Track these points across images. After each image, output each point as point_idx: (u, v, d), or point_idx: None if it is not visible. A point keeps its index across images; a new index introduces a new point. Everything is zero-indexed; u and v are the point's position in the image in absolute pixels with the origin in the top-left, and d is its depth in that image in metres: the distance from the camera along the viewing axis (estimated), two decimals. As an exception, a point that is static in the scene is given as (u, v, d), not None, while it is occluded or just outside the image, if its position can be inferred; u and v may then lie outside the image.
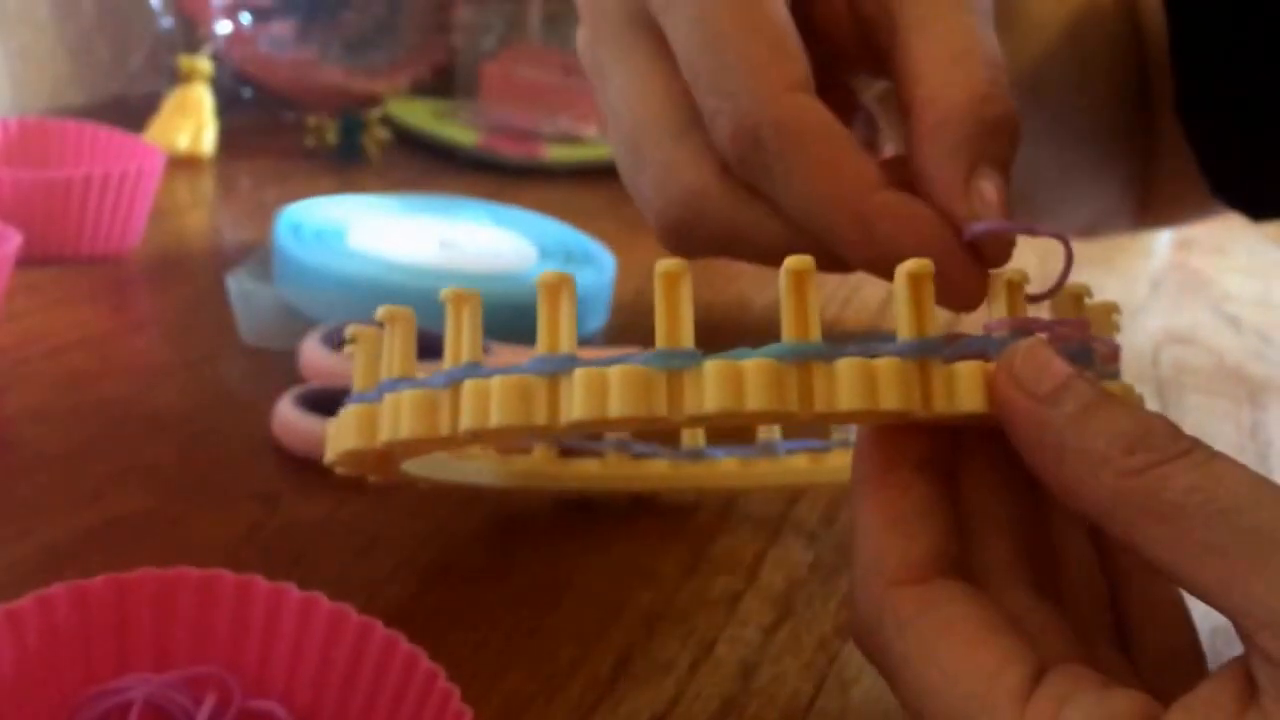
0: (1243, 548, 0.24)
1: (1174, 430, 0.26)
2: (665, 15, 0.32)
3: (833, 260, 0.30)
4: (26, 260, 0.60)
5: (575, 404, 0.28)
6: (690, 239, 0.32)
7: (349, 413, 0.33)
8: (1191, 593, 0.26)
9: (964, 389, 0.28)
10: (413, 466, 0.40)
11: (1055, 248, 0.31)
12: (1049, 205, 0.57)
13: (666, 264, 0.28)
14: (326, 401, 0.50)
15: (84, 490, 0.46)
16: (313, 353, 0.53)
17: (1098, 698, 0.26)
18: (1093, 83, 0.52)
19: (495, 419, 0.28)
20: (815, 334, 0.28)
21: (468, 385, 0.29)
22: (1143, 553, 0.26)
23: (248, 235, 0.74)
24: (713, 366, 0.27)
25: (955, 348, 0.28)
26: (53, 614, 0.34)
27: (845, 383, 0.27)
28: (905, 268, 0.28)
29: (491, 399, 0.29)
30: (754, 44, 0.30)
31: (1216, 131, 0.51)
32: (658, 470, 0.48)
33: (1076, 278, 0.32)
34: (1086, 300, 0.32)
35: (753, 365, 0.27)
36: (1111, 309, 0.33)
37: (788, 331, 0.28)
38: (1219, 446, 0.26)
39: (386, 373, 0.32)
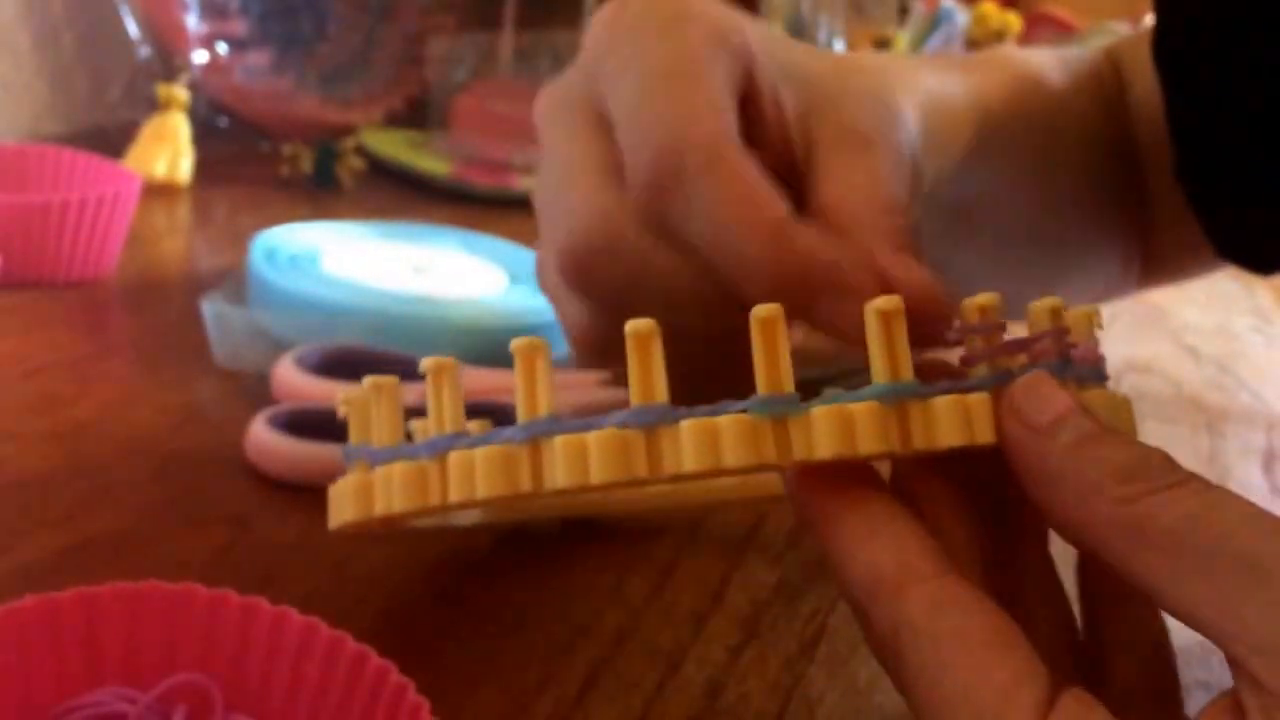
0: (1234, 574, 0.25)
1: (1171, 463, 0.27)
2: (612, 83, 0.33)
3: (730, 306, 0.31)
4: (3, 283, 0.61)
5: (558, 472, 0.28)
6: (594, 273, 0.33)
7: (344, 485, 0.33)
8: (1182, 619, 0.26)
9: (942, 425, 0.28)
10: (418, 521, 0.41)
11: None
12: (1050, 281, 0.57)
13: (636, 324, 0.28)
14: (299, 423, 0.50)
15: (58, 511, 0.46)
16: (286, 375, 0.53)
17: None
18: (1067, 187, 0.53)
19: (481, 490, 0.29)
20: (788, 383, 0.28)
21: (453, 457, 0.30)
22: (1136, 580, 0.26)
23: (223, 261, 0.74)
24: (689, 426, 0.27)
25: (933, 387, 0.29)
26: (22, 627, 0.34)
27: (823, 432, 0.27)
28: (875, 305, 0.28)
29: (476, 470, 0.29)
30: (687, 95, 0.32)
31: (1218, 194, 0.51)
32: (630, 494, 0.49)
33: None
34: (1065, 310, 0.32)
35: (729, 422, 0.27)
36: (1091, 315, 0.32)
37: (761, 384, 0.28)
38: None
39: (376, 441, 0.32)
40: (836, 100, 0.35)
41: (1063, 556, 0.32)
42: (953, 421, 0.28)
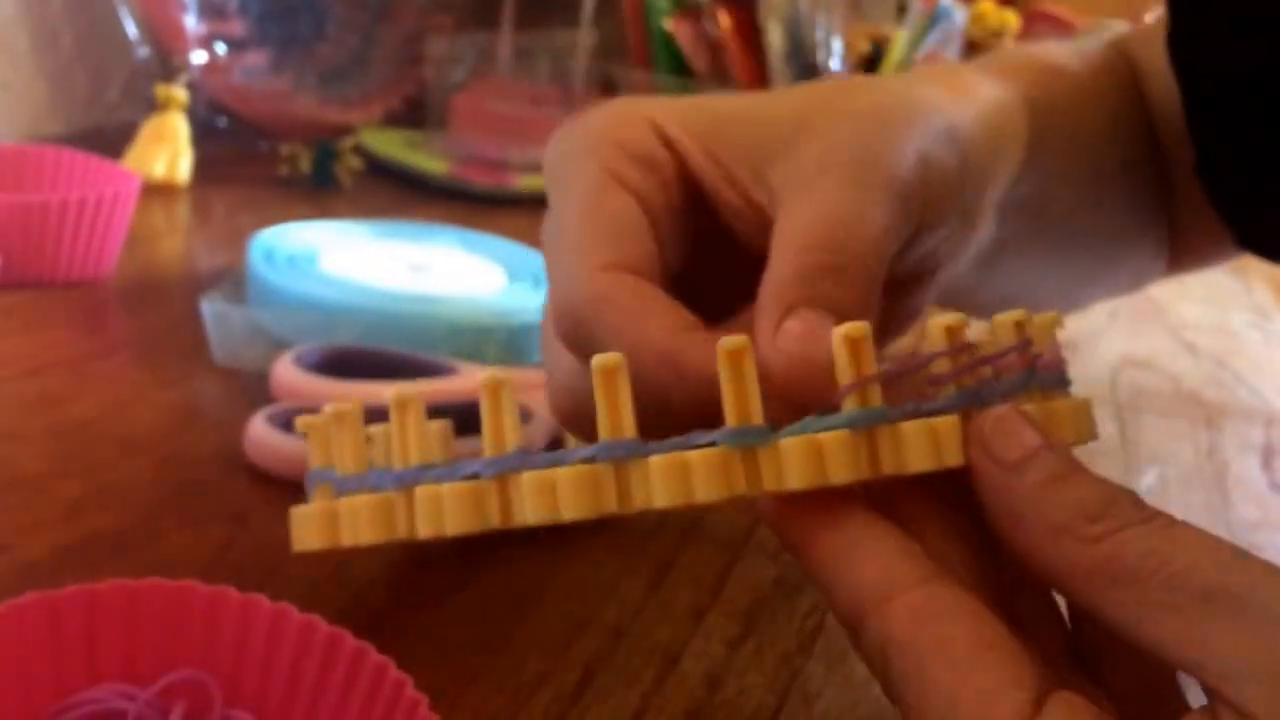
0: (1199, 606, 0.25)
1: (1137, 500, 0.27)
2: (550, 183, 0.36)
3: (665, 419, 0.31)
4: (3, 283, 0.61)
5: (526, 508, 0.28)
6: (582, 336, 0.34)
7: (309, 512, 0.33)
8: (1152, 653, 0.26)
9: (911, 451, 0.28)
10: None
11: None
12: (1090, 292, 0.58)
13: (603, 359, 0.28)
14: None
15: (59, 509, 0.47)
16: (284, 373, 0.53)
17: None
18: (1108, 184, 0.53)
19: (450, 525, 0.29)
20: (757, 415, 0.28)
21: (420, 492, 0.30)
22: (1102, 617, 0.27)
23: (222, 260, 0.75)
24: (658, 461, 0.28)
25: (901, 410, 0.29)
26: (23, 624, 0.34)
27: (793, 462, 0.28)
28: (841, 331, 0.28)
29: (444, 505, 0.29)
30: (583, 233, 0.33)
31: (1237, 189, 0.51)
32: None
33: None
34: (1026, 320, 0.32)
35: (699, 456, 0.27)
36: (1053, 322, 0.33)
37: (730, 416, 0.28)
38: (1176, 467, 0.27)
39: (340, 468, 0.32)
40: (791, 141, 0.35)
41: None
42: (921, 446, 0.28)
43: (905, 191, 0.34)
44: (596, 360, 0.28)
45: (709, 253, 0.37)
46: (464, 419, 0.34)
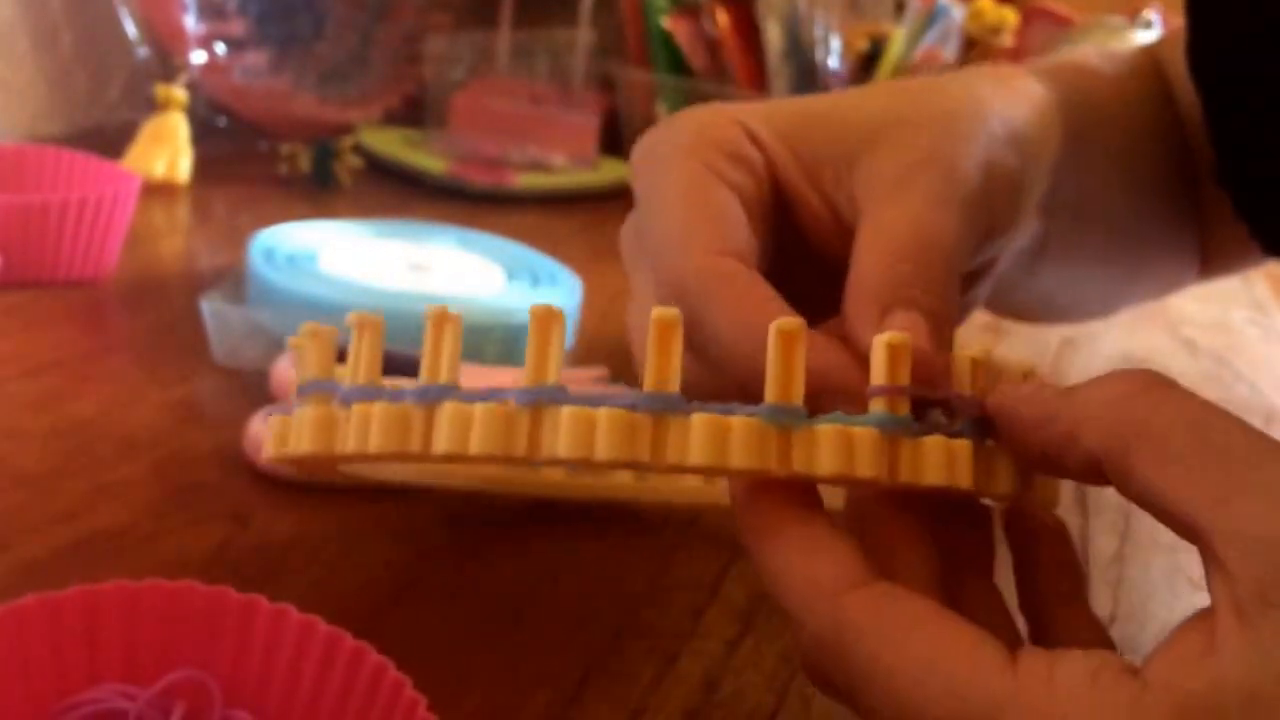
0: (1226, 467, 0.26)
1: (1151, 371, 0.29)
2: (644, 182, 0.38)
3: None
4: (4, 283, 0.61)
5: (560, 442, 0.28)
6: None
7: (304, 415, 0.32)
8: (1170, 516, 0.27)
9: (929, 464, 0.29)
10: (358, 468, 0.40)
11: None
12: (1127, 295, 0.59)
13: (662, 312, 0.29)
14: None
15: (59, 508, 0.47)
16: (284, 372, 0.53)
17: (1085, 654, 0.27)
18: (1144, 186, 0.53)
19: (475, 446, 0.29)
20: (798, 398, 0.29)
21: (447, 408, 0.29)
22: (1133, 478, 0.28)
23: (222, 260, 0.75)
24: (700, 420, 0.28)
25: (925, 425, 0.30)
26: (23, 625, 0.34)
27: (826, 450, 0.28)
28: (883, 338, 0.30)
29: (474, 426, 0.29)
30: (690, 223, 0.35)
31: (1262, 196, 0.51)
32: (622, 479, 0.49)
33: None
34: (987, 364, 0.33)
35: (739, 423, 0.28)
36: (1027, 371, 0.36)
37: (771, 393, 0.29)
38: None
39: (352, 379, 0.32)
40: (871, 147, 0.37)
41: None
42: (939, 463, 0.29)
43: (976, 202, 0.36)
44: (656, 312, 0.28)
45: (781, 257, 0.38)
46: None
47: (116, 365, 0.60)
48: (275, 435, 0.34)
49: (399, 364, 0.55)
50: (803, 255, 0.38)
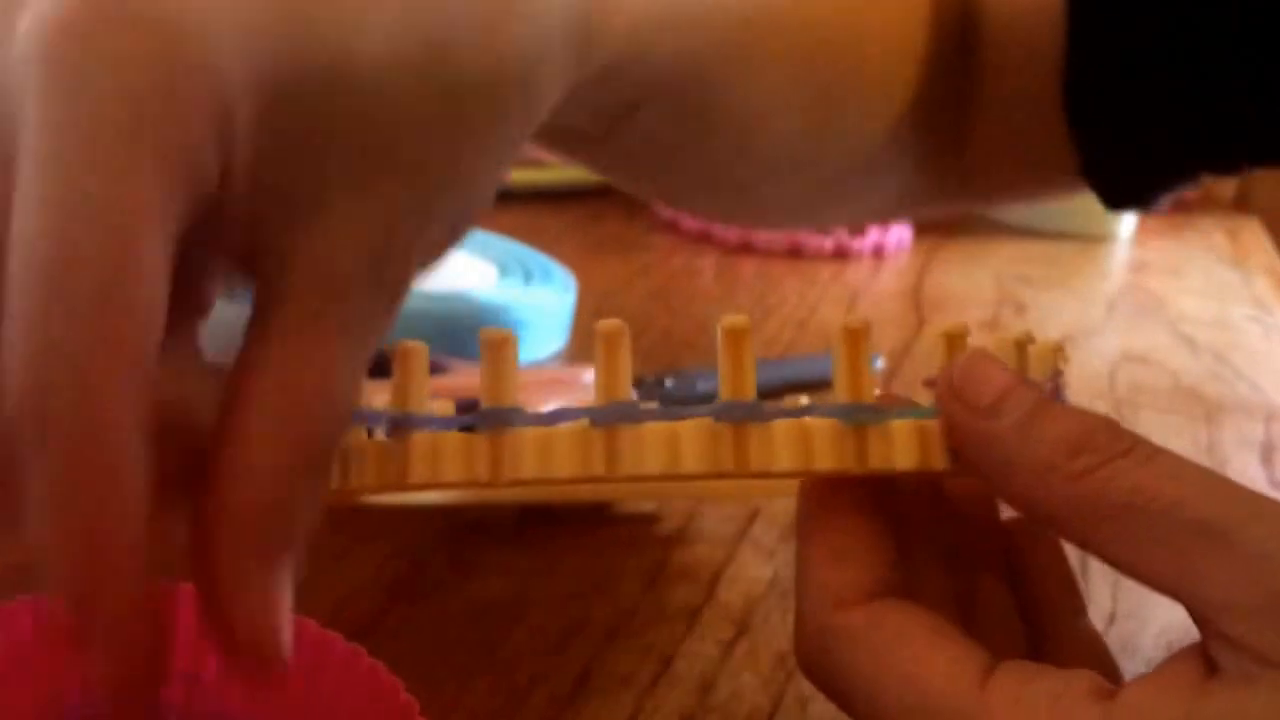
0: (1192, 540, 0.26)
1: (1116, 429, 0.27)
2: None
3: None
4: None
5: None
6: None
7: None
8: (1148, 586, 0.27)
9: (899, 449, 0.29)
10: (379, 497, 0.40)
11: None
12: (845, 201, 0.55)
13: (606, 324, 0.28)
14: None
15: (49, 509, 0.46)
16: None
17: (1055, 675, 0.27)
18: (871, 86, 0.49)
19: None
20: (750, 391, 0.28)
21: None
22: (1098, 553, 0.27)
23: (216, 257, 0.74)
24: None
25: (891, 412, 0.29)
26: (16, 626, 0.34)
27: (782, 444, 0.28)
28: (843, 324, 0.29)
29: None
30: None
31: (1098, 114, 0.50)
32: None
33: (1036, 299, 0.33)
34: (1032, 345, 0.32)
35: (690, 426, 0.28)
36: (1056, 351, 0.33)
37: (726, 390, 0.28)
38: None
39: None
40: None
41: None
42: (909, 445, 0.29)
43: None
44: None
45: None
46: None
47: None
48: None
49: (389, 360, 0.54)
50: None
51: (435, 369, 0.55)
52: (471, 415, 0.29)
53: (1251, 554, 0.25)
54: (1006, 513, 0.33)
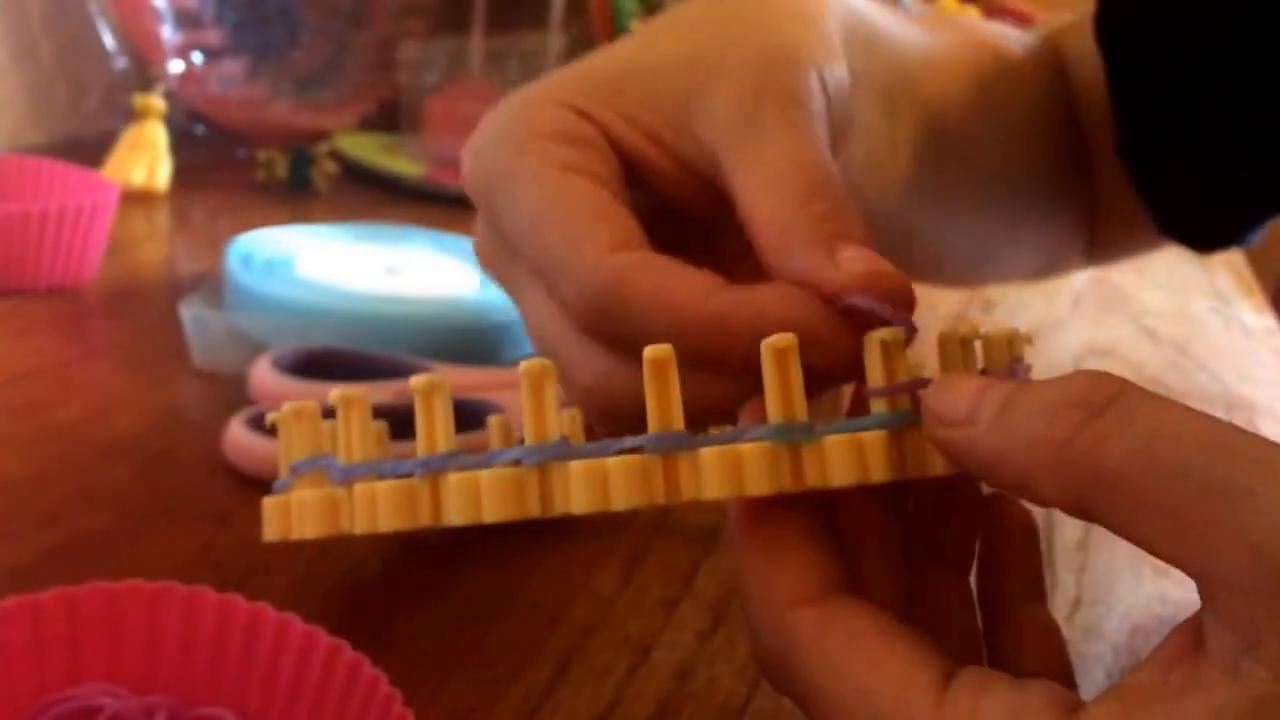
0: (1199, 509, 0.24)
1: (1091, 381, 0.26)
2: (493, 198, 0.34)
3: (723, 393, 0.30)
4: (-14, 292, 0.62)
5: (574, 497, 0.28)
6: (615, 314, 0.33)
7: (307, 499, 0.32)
8: (1154, 555, 0.25)
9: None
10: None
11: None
12: (1001, 258, 0.58)
13: (654, 351, 0.28)
14: (276, 424, 0.51)
15: (43, 512, 0.47)
16: (262, 376, 0.54)
17: (1012, 687, 0.26)
18: (1019, 146, 0.53)
19: (489, 512, 0.28)
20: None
21: (454, 479, 0.29)
22: (1104, 524, 0.25)
23: (201, 265, 0.75)
24: (709, 454, 0.27)
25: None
26: (5, 627, 0.35)
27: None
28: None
29: (481, 492, 0.28)
30: (568, 224, 0.32)
31: (1160, 174, 0.52)
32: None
33: (1004, 295, 0.32)
34: (978, 340, 0.32)
35: (617, 463, 0.28)
36: (1013, 337, 0.33)
37: (774, 412, 0.28)
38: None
39: (345, 457, 0.31)
40: (702, 92, 0.34)
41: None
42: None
43: (824, 122, 0.34)
44: (648, 352, 0.27)
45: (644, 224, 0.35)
46: (400, 423, 0.33)
47: (98, 371, 0.60)
48: (275, 519, 0.33)
49: (376, 366, 0.56)
50: (658, 217, 0.35)
51: (420, 372, 0.57)
52: (520, 450, 0.28)
53: (1261, 527, 0.23)
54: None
